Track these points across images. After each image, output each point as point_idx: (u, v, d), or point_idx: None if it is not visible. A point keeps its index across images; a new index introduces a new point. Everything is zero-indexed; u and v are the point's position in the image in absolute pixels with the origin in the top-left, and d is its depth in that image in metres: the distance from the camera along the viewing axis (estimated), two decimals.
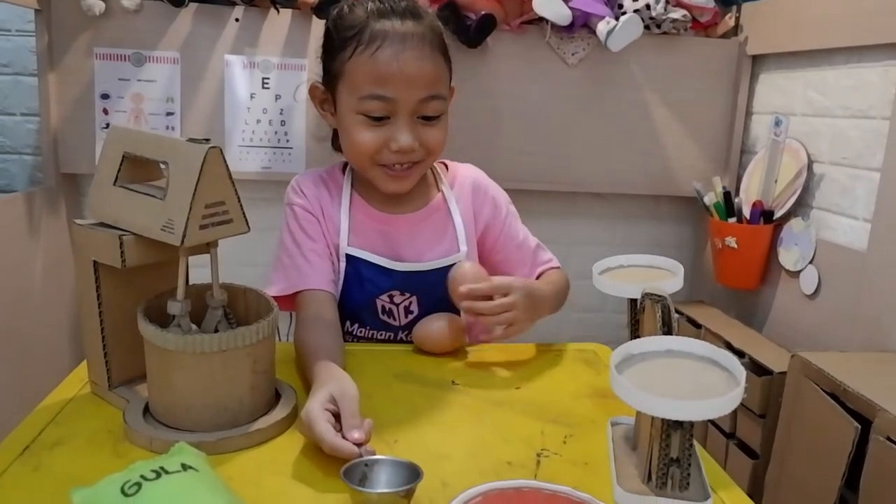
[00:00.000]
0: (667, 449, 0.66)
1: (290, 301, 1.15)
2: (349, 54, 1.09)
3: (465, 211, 1.25)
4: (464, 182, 1.27)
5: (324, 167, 1.29)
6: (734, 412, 1.55)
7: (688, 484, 0.67)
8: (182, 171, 0.81)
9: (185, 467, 0.67)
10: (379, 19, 1.09)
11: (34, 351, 1.63)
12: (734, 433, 1.57)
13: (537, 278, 1.28)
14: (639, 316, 0.84)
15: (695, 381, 0.64)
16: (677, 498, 0.72)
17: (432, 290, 1.17)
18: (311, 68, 1.83)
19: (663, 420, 0.65)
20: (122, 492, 0.64)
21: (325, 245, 1.18)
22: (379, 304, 1.20)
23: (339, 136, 1.20)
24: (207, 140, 0.81)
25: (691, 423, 0.65)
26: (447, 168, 1.30)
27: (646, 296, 0.77)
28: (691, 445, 0.66)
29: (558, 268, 1.32)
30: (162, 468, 0.66)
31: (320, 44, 1.19)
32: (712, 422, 1.63)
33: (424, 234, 1.21)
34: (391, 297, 1.19)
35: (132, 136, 0.89)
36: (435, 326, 1.12)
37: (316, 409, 0.79)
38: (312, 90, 1.20)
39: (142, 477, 0.65)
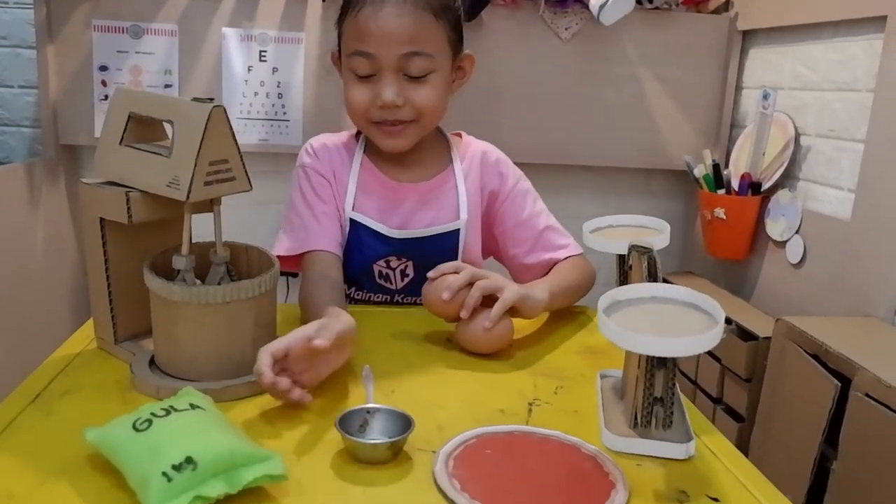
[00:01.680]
0: (651, 388, 0.70)
1: (296, 261, 1.18)
2: (344, 17, 1.15)
3: (473, 182, 1.26)
4: (474, 154, 1.28)
5: (337, 133, 1.30)
6: (721, 378, 1.59)
7: (671, 422, 0.71)
8: (187, 129, 0.83)
9: (192, 406, 0.70)
10: None
11: (35, 319, 1.66)
12: (721, 398, 1.61)
13: (548, 271, 1.23)
14: (627, 270, 0.87)
15: (677, 323, 0.67)
16: (662, 439, 0.76)
17: (428, 255, 1.20)
18: (307, 42, 1.85)
19: (648, 359, 0.69)
20: (134, 427, 0.67)
21: (334, 207, 1.21)
22: (376, 269, 1.22)
23: None
24: (211, 99, 0.84)
25: (674, 363, 0.69)
26: (462, 140, 1.31)
27: (633, 248, 0.81)
28: (674, 385, 0.70)
29: (579, 255, 1.26)
30: (171, 407, 0.70)
31: (318, 17, 1.22)
32: (700, 387, 1.67)
33: (431, 204, 1.23)
34: (388, 262, 1.22)
35: (137, 97, 0.91)
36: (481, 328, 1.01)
37: (274, 344, 0.81)
38: (333, 57, 1.24)
39: (152, 414, 0.68)
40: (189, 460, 0.63)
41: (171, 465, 0.62)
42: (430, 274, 1.04)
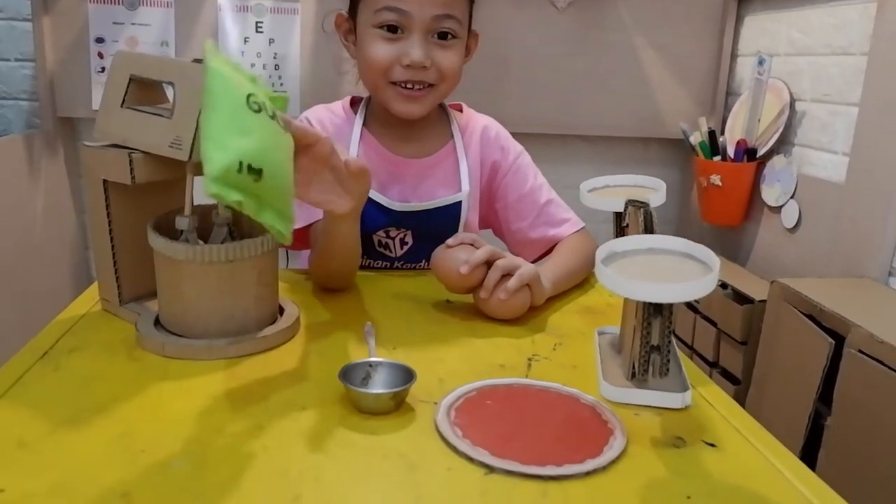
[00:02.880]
0: (648, 336, 0.71)
1: (304, 236, 1.17)
2: None
3: (473, 156, 1.26)
4: (475, 128, 1.28)
5: (332, 103, 1.29)
6: (717, 341, 1.61)
7: (668, 370, 0.72)
8: (188, 90, 0.84)
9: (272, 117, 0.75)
10: None
11: (36, 289, 1.68)
12: (717, 362, 1.63)
13: (550, 249, 1.24)
14: (623, 228, 0.89)
15: (673, 272, 0.69)
16: (659, 388, 0.78)
17: (426, 225, 1.21)
18: (303, 12, 1.85)
19: (644, 307, 0.70)
20: (247, 102, 0.72)
21: None
22: (375, 239, 1.23)
23: (357, 62, 1.21)
24: None
25: (671, 310, 0.70)
26: (462, 113, 1.30)
27: (629, 202, 0.82)
28: (671, 333, 0.72)
29: (580, 230, 1.26)
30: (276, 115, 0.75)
31: None
32: (696, 352, 1.69)
33: (432, 179, 1.23)
34: (387, 231, 1.23)
35: (138, 59, 0.92)
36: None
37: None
38: (338, 19, 1.21)
39: (264, 106, 0.74)
40: (259, 172, 0.69)
41: (247, 164, 0.68)
42: (450, 242, 1.03)
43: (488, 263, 1.00)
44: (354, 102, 1.27)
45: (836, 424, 1.19)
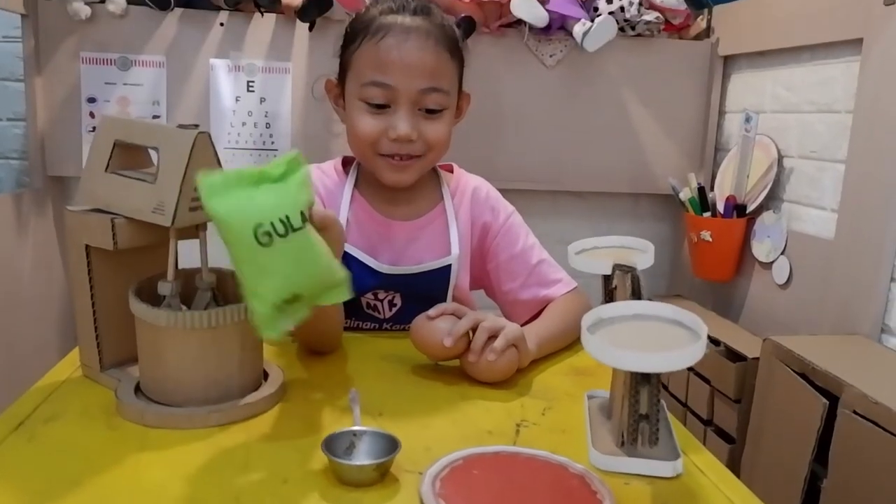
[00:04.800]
0: (636, 405, 0.70)
1: None
2: (357, 45, 1.13)
3: (464, 217, 1.25)
4: (466, 189, 1.27)
5: (323, 163, 1.28)
6: (711, 399, 1.59)
7: (657, 439, 0.71)
8: (172, 154, 0.84)
9: (303, 218, 0.76)
10: (389, 14, 1.12)
11: (22, 348, 1.66)
12: (711, 420, 1.61)
13: (542, 309, 1.22)
14: (612, 290, 0.88)
15: (661, 340, 0.68)
16: (649, 457, 0.76)
17: (414, 287, 1.20)
18: (295, 71, 1.87)
19: (632, 376, 0.69)
20: (255, 237, 0.73)
21: None
22: (364, 301, 1.22)
23: (346, 129, 1.21)
24: (196, 126, 0.84)
25: (658, 379, 0.69)
26: (453, 174, 1.30)
27: (616, 267, 0.81)
28: (659, 401, 0.70)
29: (573, 289, 1.25)
30: (288, 219, 0.75)
31: (305, 46, 1.20)
32: (690, 409, 1.67)
33: (422, 241, 1.22)
34: (375, 294, 1.21)
35: (123, 124, 0.92)
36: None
37: None
38: (328, 85, 1.22)
39: (273, 229, 0.74)
40: (296, 296, 0.76)
41: (282, 300, 0.76)
42: (431, 313, 1.01)
43: (472, 329, 0.99)
44: (346, 163, 1.27)
45: (833, 486, 1.17)
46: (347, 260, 1.18)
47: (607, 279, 0.91)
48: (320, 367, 1.04)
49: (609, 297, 0.90)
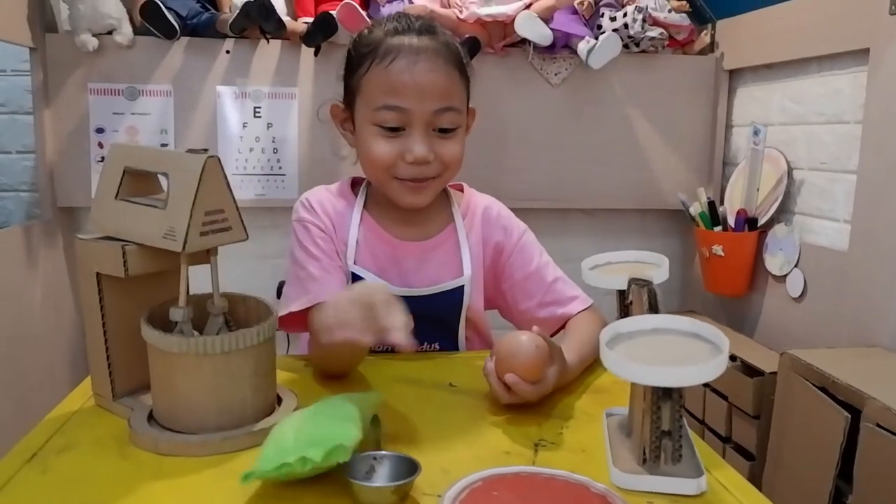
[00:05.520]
0: (658, 421, 0.69)
1: (304, 318, 1.11)
2: (366, 69, 1.11)
3: (475, 237, 1.24)
4: (476, 209, 1.26)
5: (332, 184, 1.27)
6: (729, 415, 1.57)
7: (680, 456, 0.69)
8: (182, 180, 0.84)
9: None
10: (395, 36, 1.12)
11: (33, 379, 1.65)
12: (730, 436, 1.59)
13: (562, 327, 1.21)
14: (627, 305, 0.87)
15: (681, 353, 0.66)
16: (672, 475, 0.75)
17: (426, 309, 1.18)
18: (300, 96, 1.87)
19: (653, 391, 0.68)
20: None
21: (337, 258, 1.18)
22: None
23: (357, 152, 1.20)
24: (206, 150, 0.84)
25: (680, 394, 0.68)
26: (463, 194, 1.29)
27: (632, 281, 0.80)
28: (681, 417, 0.69)
29: (589, 307, 1.22)
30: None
31: (311, 71, 1.20)
32: (708, 426, 1.65)
33: (433, 262, 1.21)
34: None
35: (132, 151, 0.92)
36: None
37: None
38: (334, 109, 1.21)
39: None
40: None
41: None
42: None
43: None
44: (355, 184, 1.26)
45: (858, 502, 1.15)
46: (358, 282, 1.17)
47: (622, 294, 0.90)
48: (336, 390, 1.03)
49: (625, 312, 0.89)
